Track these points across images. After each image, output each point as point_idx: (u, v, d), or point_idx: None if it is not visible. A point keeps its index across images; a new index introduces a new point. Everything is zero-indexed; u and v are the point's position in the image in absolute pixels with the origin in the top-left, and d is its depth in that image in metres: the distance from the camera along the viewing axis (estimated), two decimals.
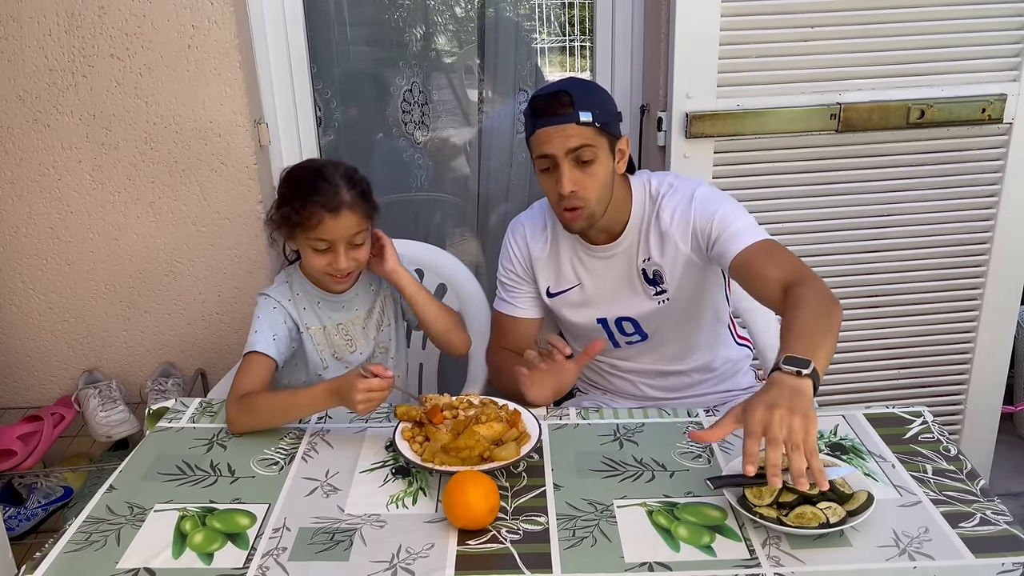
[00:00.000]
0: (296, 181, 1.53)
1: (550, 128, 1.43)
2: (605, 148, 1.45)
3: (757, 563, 1.06)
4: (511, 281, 1.68)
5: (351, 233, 1.50)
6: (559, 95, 1.42)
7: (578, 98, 1.42)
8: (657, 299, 1.58)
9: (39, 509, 2.02)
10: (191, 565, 1.09)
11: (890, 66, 1.94)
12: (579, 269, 1.62)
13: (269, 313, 1.58)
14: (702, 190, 1.52)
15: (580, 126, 1.42)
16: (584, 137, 1.42)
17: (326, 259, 1.52)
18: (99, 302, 2.11)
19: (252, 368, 1.50)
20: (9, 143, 1.96)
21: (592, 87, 1.49)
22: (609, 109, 1.47)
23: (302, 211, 1.47)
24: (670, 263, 1.54)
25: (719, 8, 1.85)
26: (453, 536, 1.13)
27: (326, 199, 1.47)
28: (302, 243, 1.53)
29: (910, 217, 2.07)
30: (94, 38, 1.89)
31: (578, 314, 1.64)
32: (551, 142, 1.43)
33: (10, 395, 2.19)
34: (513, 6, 2.34)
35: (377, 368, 1.31)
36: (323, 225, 1.47)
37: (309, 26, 2.09)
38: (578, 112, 1.41)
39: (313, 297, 1.63)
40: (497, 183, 2.46)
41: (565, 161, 1.43)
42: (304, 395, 1.39)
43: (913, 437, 1.36)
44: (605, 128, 1.44)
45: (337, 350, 1.67)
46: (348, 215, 1.48)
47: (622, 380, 1.71)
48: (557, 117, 1.42)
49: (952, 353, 2.20)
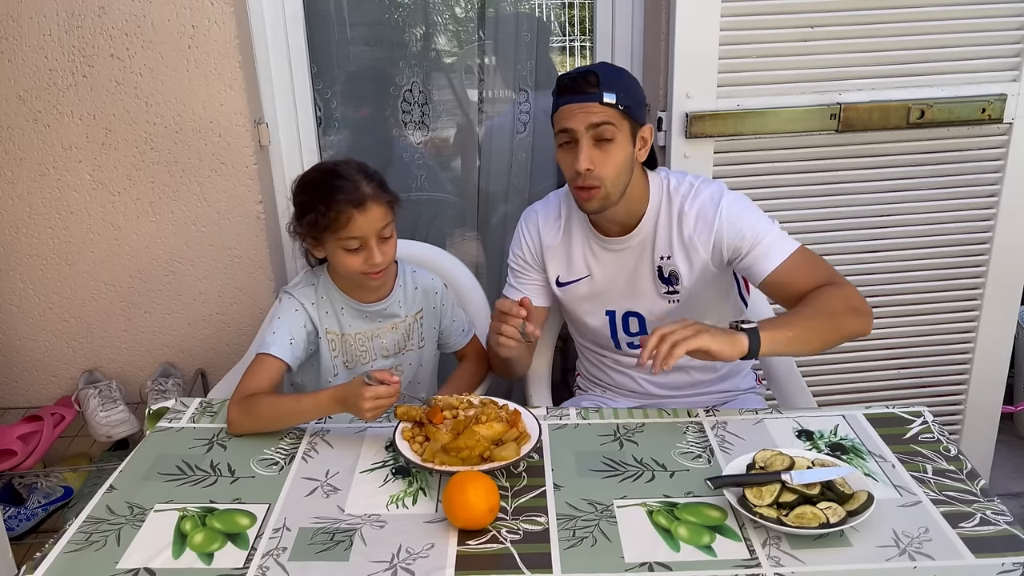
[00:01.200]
0: (314, 185, 1.51)
1: (573, 105, 1.44)
2: (626, 131, 1.46)
3: (757, 563, 1.06)
4: (520, 268, 1.68)
5: (380, 226, 1.49)
6: (586, 75, 1.44)
7: (605, 79, 1.43)
8: (668, 298, 1.58)
9: (39, 509, 2.02)
10: (191, 565, 1.09)
11: (890, 66, 1.94)
12: (590, 260, 1.62)
13: (291, 315, 1.57)
14: (727, 200, 1.51)
15: (603, 105, 1.43)
16: (606, 115, 1.43)
17: (360, 257, 1.50)
18: (99, 302, 2.11)
19: (262, 370, 1.49)
20: (9, 143, 1.96)
21: (621, 72, 1.50)
22: (635, 95, 1.48)
23: (328, 212, 1.46)
24: (688, 267, 1.54)
25: (719, 8, 1.85)
26: (453, 536, 1.13)
27: (350, 196, 1.46)
28: (332, 247, 1.51)
29: (910, 217, 2.07)
30: (94, 38, 1.89)
31: (586, 306, 1.64)
32: (573, 117, 1.44)
33: (10, 395, 2.19)
34: (513, 6, 2.34)
35: (382, 375, 1.30)
36: (353, 222, 1.46)
37: (309, 26, 2.09)
38: (603, 92, 1.42)
39: (338, 303, 1.62)
40: (497, 183, 2.45)
41: (584, 137, 1.44)
42: (308, 402, 1.39)
43: (913, 437, 1.36)
44: (628, 112, 1.45)
45: (350, 359, 1.66)
46: (374, 207, 1.47)
47: (623, 376, 1.71)
48: (582, 95, 1.43)
49: (952, 353, 2.20)
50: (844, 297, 1.40)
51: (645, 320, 1.62)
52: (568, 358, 2.43)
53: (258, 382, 1.47)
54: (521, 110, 2.38)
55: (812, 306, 1.39)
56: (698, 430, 1.40)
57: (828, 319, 1.38)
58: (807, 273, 1.45)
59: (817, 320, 1.38)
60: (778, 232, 1.49)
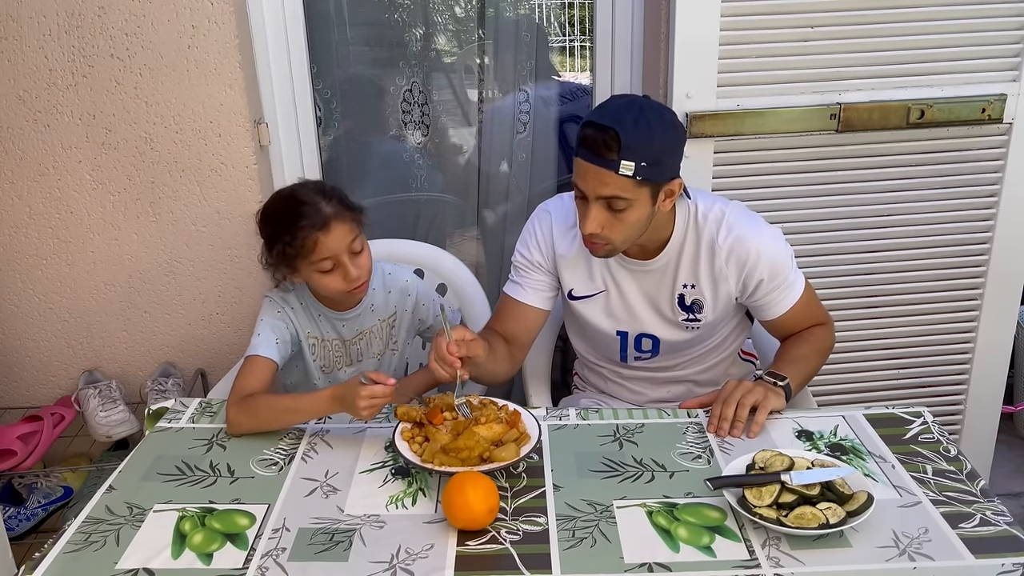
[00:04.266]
0: (275, 215, 1.52)
1: (588, 165, 1.34)
2: (644, 196, 1.36)
3: (757, 564, 1.06)
4: (524, 266, 1.60)
5: (348, 241, 1.49)
6: (608, 135, 1.30)
7: (627, 144, 1.29)
8: (687, 325, 1.56)
9: (39, 509, 2.03)
10: (190, 565, 1.09)
11: (890, 66, 1.94)
12: (607, 277, 1.56)
13: (273, 316, 1.59)
14: (766, 244, 1.47)
15: (619, 176, 1.32)
16: (619, 188, 1.33)
17: (337, 276, 1.50)
18: (99, 302, 2.11)
19: (254, 371, 1.50)
20: (9, 143, 1.96)
21: (651, 128, 1.32)
22: (662, 155, 1.34)
23: (294, 241, 1.46)
24: (714, 297, 1.52)
25: (719, 8, 1.85)
26: (453, 537, 1.13)
27: (312, 220, 1.45)
28: (307, 272, 1.51)
29: (910, 217, 2.06)
30: (94, 38, 1.88)
31: (599, 321, 1.60)
32: (586, 180, 1.36)
33: (10, 395, 2.19)
34: (513, 6, 2.34)
35: (378, 376, 1.31)
36: (320, 245, 1.46)
37: (309, 26, 2.09)
38: (621, 161, 1.30)
39: (313, 310, 1.63)
40: (497, 183, 2.45)
41: (595, 203, 1.37)
42: (306, 401, 1.40)
43: (913, 437, 1.36)
44: (649, 179, 1.34)
45: (327, 364, 1.69)
46: (338, 226, 1.47)
47: (622, 388, 1.71)
48: (598, 158, 1.32)
49: (952, 353, 2.20)
50: (828, 336, 1.58)
51: (659, 344, 1.60)
52: (568, 358, 2.42)
53: (252, 382, 1.47)
54: (521, 110, 2.38)
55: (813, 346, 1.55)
56: (698, 431, 1.40)
57: (821, 357, 1.56)
58: (806, 316, 1.56)
59: (818, 360, 1.56)
60: (795, 270, 1.52)
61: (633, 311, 1.57)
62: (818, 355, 1.55)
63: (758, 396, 1.39)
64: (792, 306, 1.52)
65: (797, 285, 1.52)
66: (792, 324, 1.56)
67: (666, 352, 1.62)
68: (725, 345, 1.65)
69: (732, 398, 1.40)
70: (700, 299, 1.53)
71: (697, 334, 1.57)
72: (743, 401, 1.39)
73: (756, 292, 1.51)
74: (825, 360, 1.57)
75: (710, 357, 1.65)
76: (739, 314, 1.63)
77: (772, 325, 1.58)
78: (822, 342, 1.56)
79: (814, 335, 1.56)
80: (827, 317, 1.60)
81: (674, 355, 1.63)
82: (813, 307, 1.57)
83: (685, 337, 1.58)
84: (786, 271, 1.50)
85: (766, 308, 1.53)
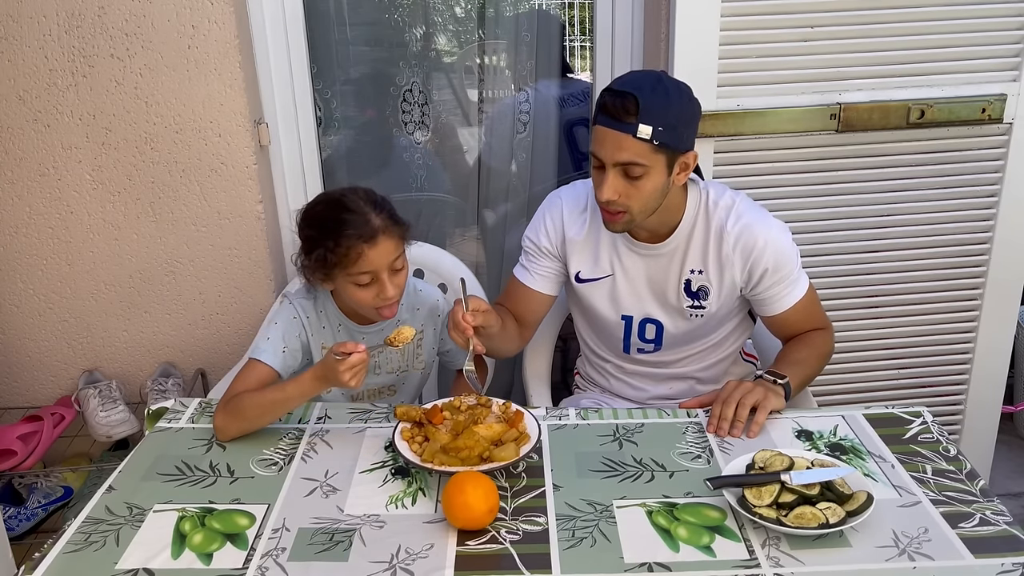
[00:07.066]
0: (320, 219, 1.43)
1: (606, 131, 1.36)
2: (660, 164, 1.37)
3: (757, 564, 1.06)
4: (533, 251, 1.62)
5: (392, 259, 1.41)
6: (627, 99, 1.33)
7: (645, 108, 1.32)
8: (691, 312, 1.57)
9: (39, 509, 2.03)
10: (190, 565, 1.09)
11: (890, 66, 1.94)
12: (615, 261, 1.57)
13: (287, 322, 1.51)
14: (774, 235, 1.49)
15: (636, 139, 1.33)
16: (636, 153, 1.35)
17: (371, 291, 1.43)
18: (99, 302, 2.11)
19: (252, 377, 1.44)
20: (9, 143, 1.96)
21: (668, 95, 1.36)
22: (678, 123, 1.36)
23: (337, 249, 1.38)
24: (719, 284, 1.53)
25: (719, 8, 1.85)
26: (452, 536, 1.13)
27: (360, 230, 1.38)
28: (343, 281, 1.44)
29: (910, 217, 2.06)
30: (94, 38, 1.88)
31: (604, 305, 1.61)
32: (604, 146, 1.37)
33: (10, 395, 2.19)
34: (513, 6, 2.34)
35: (345, 346, 1.30)
36: (363, 258, 1.38)
37: (309, 26, 2.09)
38: (639, 123, 1.32)
39: (334, 320, 1.56)
40: (497, 183, 2.46)
41: (612, 169, 1.38)
42: (292, 387, 1.36)
43: (913, 437, 1.36)
44: (665, 145, 1.35)
45: None
46: (385, 240, 1.40)
47: (624, 384, 1.71)
48: (617, 123, 1.34)
49: (952, 353, 2.20)
50: (828, 342, 1.59)
51: (662, 331, 1.60)
52: (568, 358, 2.43)
53: (246, 389, 1.42)
54: (521, 110, 2.38)
55: (814, 351, 1.55)
56: (697, 430, 1.40)
57: (821, 362, 1.57)
58: (808, 317, 1.57)
59: (818, 365, 1.57)
60: (800, 268, 1.53)
61: (639, 295, 1.58)
62: (818, 359, 1.56)
63: (758, 396, 1.40)
64: (795, 304, 1.53)
65: (801, 283, 1.54)
66: (793, 323, 1.56)
67: (668, 345, 1.62)
68: (727, 344, 1.66)
69: (732, 398, 1.40)
70: (707, 285, 1.54)
71: (700, 323, 1.58)
72: (743, 401, 1.40)
73: (760, 283, 1.51)
74: (825, 365, 1.58)
75: (712, 355, 1.65)
76: (742, 312, 1.64)
77: (773, 322, 1.58)
78: (822, 347, 1.57)
79: (815, 339, 1.57)
80: (828, 323, 1.61)
81: (676, 349, 1.63)
82: (815, 310, 1.58)
83: (688, 326, 1.58)
84: (791, 265, 1.51)
85: (769, 302, 1.54)
